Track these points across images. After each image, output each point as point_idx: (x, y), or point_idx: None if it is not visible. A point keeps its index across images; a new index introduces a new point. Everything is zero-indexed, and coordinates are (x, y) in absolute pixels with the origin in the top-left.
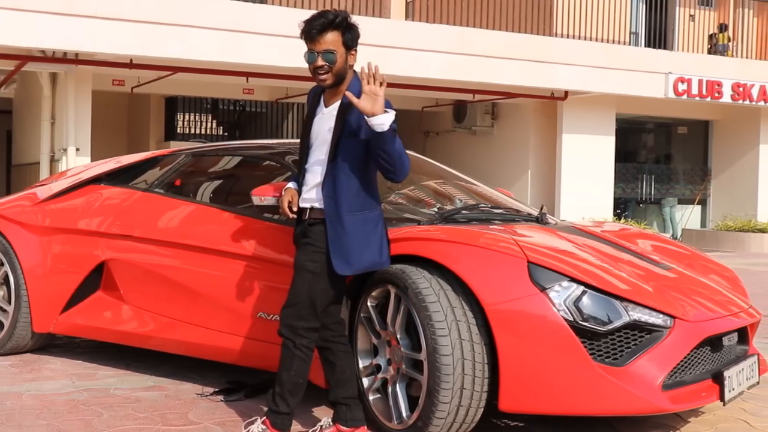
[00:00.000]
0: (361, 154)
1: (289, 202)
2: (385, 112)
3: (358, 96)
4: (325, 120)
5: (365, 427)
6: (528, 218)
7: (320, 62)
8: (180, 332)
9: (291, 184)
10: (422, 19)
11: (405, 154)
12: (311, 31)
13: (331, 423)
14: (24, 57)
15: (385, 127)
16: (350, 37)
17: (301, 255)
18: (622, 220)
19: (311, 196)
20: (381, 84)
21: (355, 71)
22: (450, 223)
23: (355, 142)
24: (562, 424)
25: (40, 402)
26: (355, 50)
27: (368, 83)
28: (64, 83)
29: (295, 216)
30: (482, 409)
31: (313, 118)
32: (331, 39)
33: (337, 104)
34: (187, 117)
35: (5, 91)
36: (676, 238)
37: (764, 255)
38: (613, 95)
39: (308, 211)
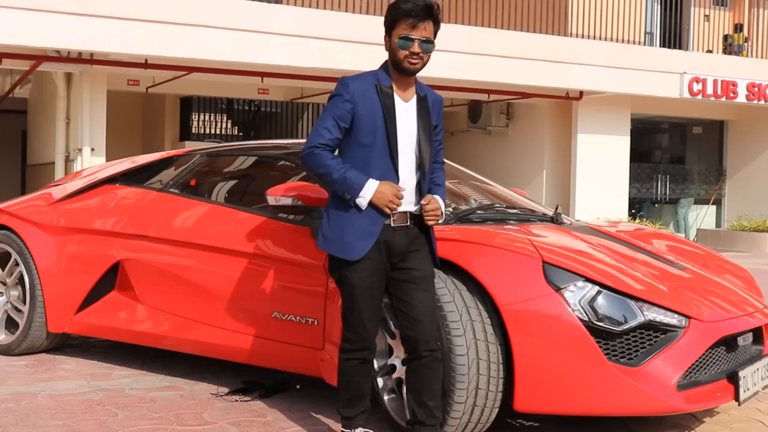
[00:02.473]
0: (432, 148)
1: (397, 188)
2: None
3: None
4: (410, 114)
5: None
6: (543, 218)
7: (417, 49)
8: (195, 332)
9: (373, 181)
10: None
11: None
12: (415, 13)
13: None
14: (39, 57)
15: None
16: (437, 30)
17: (427, 264)
18: (637, 220)
19: (410, 201)
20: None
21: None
22: (465, 223)
23: (434, 134)
24: (576, 424)
25: (55, 402)
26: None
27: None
28: (79, 83)
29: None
30: (497, 409)
31: (393, 115)
32: (429, 28)
33: (414, 99)
34: (202, 117)
35: (20, 91)
36: (690, 239)
37: None
38: (628, 95)
39: (408, 215)
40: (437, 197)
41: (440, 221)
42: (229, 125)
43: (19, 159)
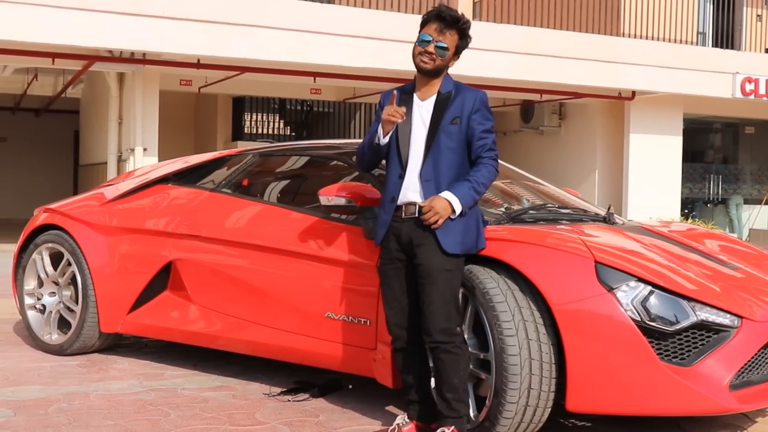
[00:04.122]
0: (461, 139)
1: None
2: (453, 211)
3: (451, 100)
4: (424, 110)
5: (436, 423)
6: (595, 218)
7: (431, 49)
8: (247, 332)
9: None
10: (489, 19)
11: (488, 185)
12: (444, 18)
13: (408, 421)
14: (91, 57)
15: (463, 212)
16: (463, 45)
17: (431, 258)
18: (690, 220)
19: (415, 189)
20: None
21: (448, 73)
22: (517, 223)
23: (456, 128)
24: (628, 424)
25: (108, 402)
26: (458, 57)
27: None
28: (131, 83)
29: (401, 119)
30: (549, 409)
31: (409, 111)
32: (451, 37)
33: (433, 97)
34: (254, 117)
35: (72, 91)
36: (742, 239)
37: None
38: (680, 95)
39: (416, 206)
40: (444, 194)
41: (453, 216)
42: (282, 125)
43: (72, 159)
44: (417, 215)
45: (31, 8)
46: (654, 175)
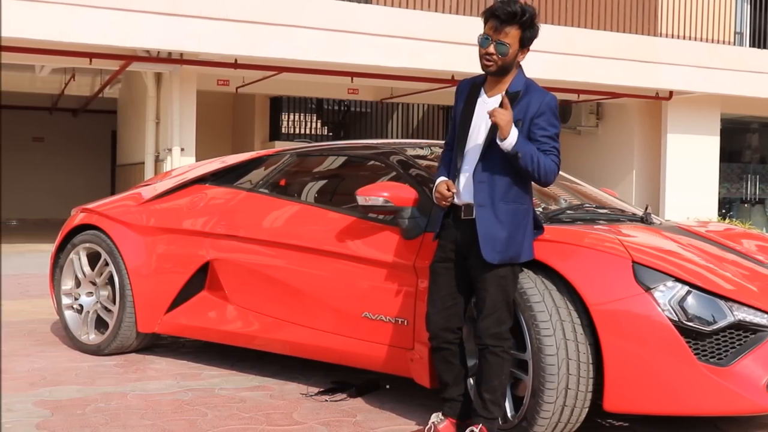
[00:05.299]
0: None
1: (447, 186)
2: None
3: (517, 94)
4: (489, 108)
5: (471, 419)
6: (633, 218)
7: (491, 50)
8: (285, 332)
9: (442, 178)
10: None
11: (542, 169)
12: (497, 15)
13: (443, 418)
14: (129, 57)
15: (508, 148)
16: (529, 36)
17: (483, 263)
18: (727, 220)
19: (469, 190)
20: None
21: (521, 67)
22: (555, 223)
23: (536, 133)
24: (666, 424)
25: (145, 402)
26: (528, 49)
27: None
28: (168, 83)
29: (448, 204)
30: (587, 409)
31: (473, 107)
32: (511, 33)
33: (500, 95)
34: (291, 117)
35: (110, 91)
36: None
37: None
38: (717, 95)
39: (473, 208)
40: (512, 129)
41: (511, 138)
42: (319, 125)
43: (109, 159)
44: (473, 216)
45: (69, 8)
46: (691, 175)
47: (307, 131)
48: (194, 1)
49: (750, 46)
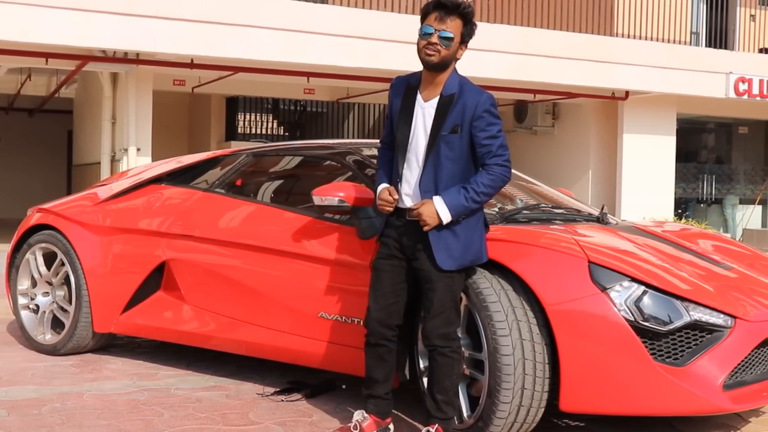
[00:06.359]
0: (462, 149)
1: (389, 192)
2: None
3: (459, 94)
4: (427, 113)
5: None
6: (589, 218)
7: (435, 40)
8: (241, 332)
9: (384, 185)
10: (483, 19)
11: (489, 190)
12: (444, 5)
13: (366, 416)
14: (85, 57)
15: (449, 220)
16: (468, 31)
17: (431, 264)
18: (683, 220)
19: (416, 198)
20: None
21: (455, 68)
22: (511, 223)
23: (456, 138)
24: (622, 424)
25: (101, 402)
26: (466, 46)
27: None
28: (124, 83)
29: (392, 210)
30: (543, 409)
31: (411, 112)
32: (455, 23)
33: (436, 99)
34: (247, 117)
35: (66, 91)
36: (736, 238)
37: None
38: (673, 95)
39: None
40: (434, 199)
41: (444, 222)
42: (275, 125)
43: (65, 159)
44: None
45: (25, 8)
46: (647, 175)
47: (264, 131)
48: (150, 1)
49: (706, 46)
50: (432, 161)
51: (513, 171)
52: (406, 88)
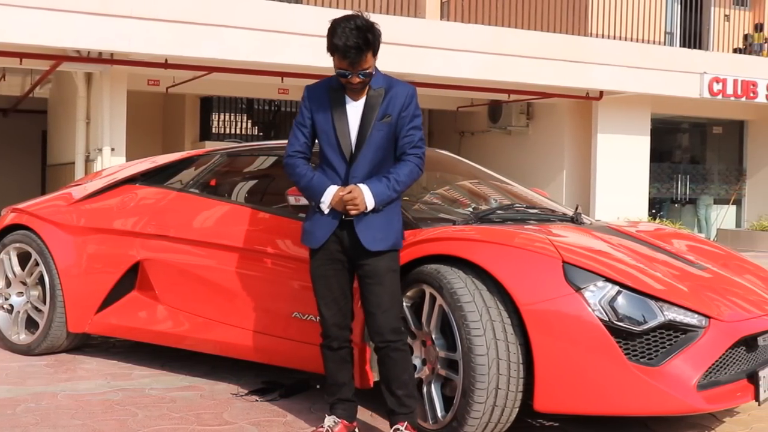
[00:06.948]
0: (389, 138)
1: (350, 191)
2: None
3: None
4: (357, 111)
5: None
6: (563, 218)
7: (356, 80)
8: (215, 332)
9: (333, 187)
10: (457, 19)
11: (406, 182)
12: (348, 54)
13: (338, 421)
14: (59, 57)
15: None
16: (378, 45)
17: (378, 259)
18: (657, 220)
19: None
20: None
21: (376, 67)
22: (485, 223)
23: (386, 126)
24: (597, 424)
25: (75, 402)
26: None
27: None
28: (99, 83)
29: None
30: (517, 409)
31: (344, 114)
32: (367, 59)
33: (364, 98)
34: (222, 117)
35: (40, 91)
36: (710, 238)
37: None
38: (648, 95)
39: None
40: (361, 186)
41: (368, 209)
42: (250, 125)
43: (40, 159)
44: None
45: None
46: (622, 175)
47: (238, 131)
48: (125, 1)
49: (680, 46)
50: (364, 152)
51: (487, 171)
52: (329, 92)
